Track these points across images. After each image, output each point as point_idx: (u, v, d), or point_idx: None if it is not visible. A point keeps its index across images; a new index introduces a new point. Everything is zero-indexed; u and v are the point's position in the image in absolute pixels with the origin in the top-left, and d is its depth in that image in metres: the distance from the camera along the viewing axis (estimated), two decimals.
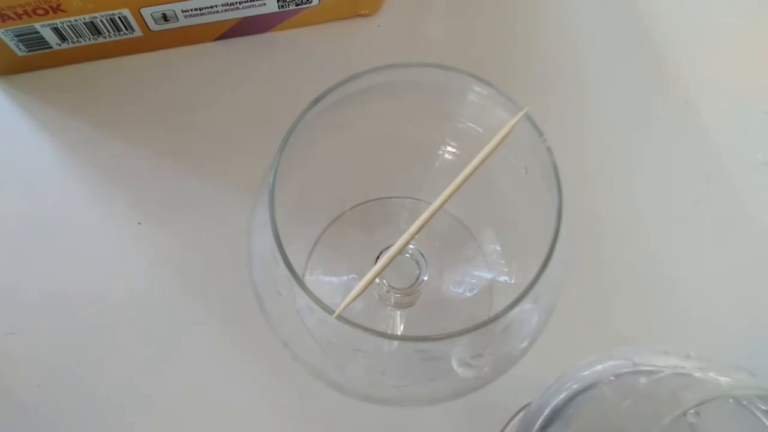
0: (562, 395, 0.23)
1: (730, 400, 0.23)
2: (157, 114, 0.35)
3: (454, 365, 0.22)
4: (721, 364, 0.21)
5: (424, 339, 0.18)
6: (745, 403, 0.22)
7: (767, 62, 0.37)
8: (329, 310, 0.19)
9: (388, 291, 0.29)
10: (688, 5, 0.38)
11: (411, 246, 0.29)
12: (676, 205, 0.34)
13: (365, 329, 0.18)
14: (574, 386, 0.23)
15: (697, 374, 0.21)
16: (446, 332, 0.18)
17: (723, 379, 0.20)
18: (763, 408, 0.22)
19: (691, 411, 0.22)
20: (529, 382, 0.24)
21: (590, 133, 0.35)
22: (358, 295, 0.19)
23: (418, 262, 0.29)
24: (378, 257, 0.29)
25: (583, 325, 0.30)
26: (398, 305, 0.29)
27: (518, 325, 0.21)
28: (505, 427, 0.27)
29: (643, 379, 0.21)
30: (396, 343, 0.21)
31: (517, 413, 0.27)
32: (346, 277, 0.31)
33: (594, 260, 0.32)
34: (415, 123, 0.27)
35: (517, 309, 0.19)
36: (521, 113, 0.20)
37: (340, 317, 0.18)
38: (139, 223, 0.33)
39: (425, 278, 0.29)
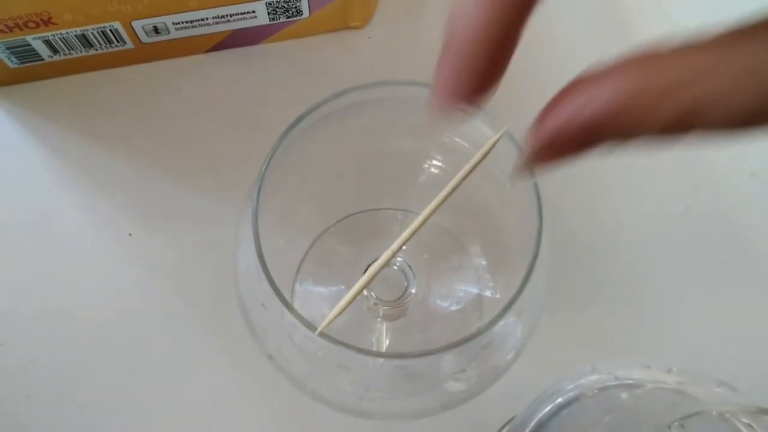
0: (547, 409, 0.23)
1: (714, 413, 0.23)
2: (148, 125, 0.36)
3: (440, 380, 0.22)
4: (703, 378, 0.21)
5: (404, 356, 0.19)
6: (728, 416, 0.23)
7: None
8: (311, 327, 0.19)
9: (376, 303, 0.29)
10: (675, 13, 0.39)
11: (399, 258, 0.30)
12: (664, 215, 0.34)
13: (347, 346, 0.18)
14: (558, 400, 0.23)
15: (679, 389, 0.21)
16: (427, 349, 0.18)
17: (704, 395, 0.21)
18: (746, 421, 0.22)
19: (676, 424, 0.22)
20: (514, 395, 0.24)
21: None
22: (341, 312, 0.19)
23: (405, 275, 0.29)
24: (366, 269, 0.29)
25: (568, 338, 0.31)
26: (387, 317, 0.29)
27: (502, 340, 0.22)
28: (501, 429, 0.27)
29: (624, 394, 0.21)
30: (381, 358, 0.21)
31: (503, 427, 0.27)
32: (335, 288, 0.31)
33: (579, 273, 0.32)
34: (401, 137, 0.27)
35: (500, 324, 0.19)
36: (500, 132, 0.20)
37: (322, 334, 0.18)
38: (130, 234, 0.34)
39: (413, 291, 0.29)
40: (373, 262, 0.29)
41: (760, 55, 0.13)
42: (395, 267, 0.29)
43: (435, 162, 0.27)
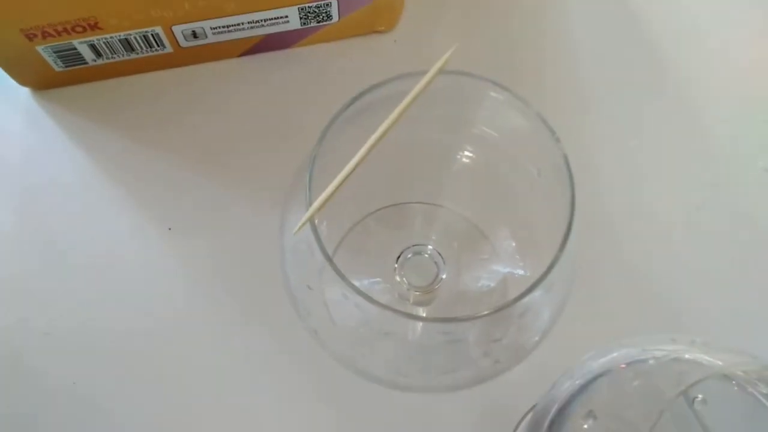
0: (578, 382, 0.25)
1: (735, 388, 0.24)
2: (185, 126, 0.37)
3: (475, 351, 0.23)
4: (725, 348, 0.23)
5: (449, 320, 0.20)
6: (749, 389, 0.24)
7: None
8: (362, 294, 0.20)
9: (408, 289, 0.30)
10: (693, 14, 0.40)
11: (430, 247, 0.31)
12: (681, 210, 0.36)
13: (394, 310, 0.20)
14: (588, 374, 0.25)
15: (701, 356, 0.22)
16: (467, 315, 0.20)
17: (724, 359, 0.22)
18: (765, 392, 0.23)
19: (698, 398, 0.23)
20: (545, 372, 0.26)
21: (598, 141, 0.37)
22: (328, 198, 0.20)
23: (436, 262, 0.31)
24: (398, 257, 0.31)
25: (592, 322, 0.32)
26: (418, 303, 0.31)
27: (534, 313, 0.23)
28: (526, 414, 0.28)
29: (651, 362, 0.22)
30: (420, 328, 0.22)
31: (530, 410, 0.28)
32: (366, 281, 0.32)
33: (602, 262, 0.34)
34: (433, 129, 0.28)
35: (533, 294, 0.21)
36: (450, 51, 0.21)
37: (370, 298, 0.20)
38: (170, 229, 0.35)
39: (444, 276, 0.30)
40: (406, 249, 0.31)
41: None
42: (426, 255, 0.31)
43: (467, 153, 0.29)
